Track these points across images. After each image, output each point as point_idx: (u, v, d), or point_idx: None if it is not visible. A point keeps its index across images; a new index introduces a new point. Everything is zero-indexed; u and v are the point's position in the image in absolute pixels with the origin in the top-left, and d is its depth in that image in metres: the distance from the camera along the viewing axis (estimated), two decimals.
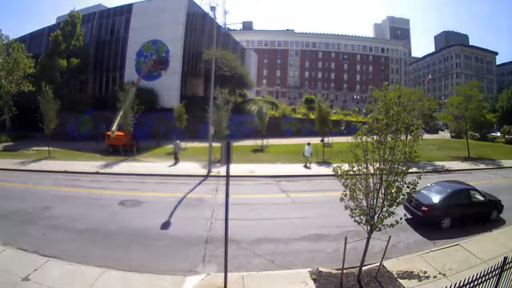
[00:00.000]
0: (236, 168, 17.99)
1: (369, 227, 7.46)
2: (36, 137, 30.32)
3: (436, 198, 12.10)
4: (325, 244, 10.15)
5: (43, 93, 23.44)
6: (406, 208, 12.19)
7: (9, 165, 20.55)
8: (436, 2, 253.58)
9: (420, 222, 11.72)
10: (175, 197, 14.51)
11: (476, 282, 5.55)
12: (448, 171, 22.39)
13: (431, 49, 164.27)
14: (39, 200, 13.54)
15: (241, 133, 33.77)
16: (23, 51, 33.11)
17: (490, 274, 5.82)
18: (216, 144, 19.63)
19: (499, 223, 12.44)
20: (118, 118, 26.67)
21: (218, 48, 37.36)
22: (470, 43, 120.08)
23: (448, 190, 12.46)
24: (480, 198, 12.51)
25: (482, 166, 24.46)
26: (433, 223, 11.63)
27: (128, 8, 39.78)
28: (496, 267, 5.96)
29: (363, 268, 7.95)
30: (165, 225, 11.35)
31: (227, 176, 7.72)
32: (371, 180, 7.24)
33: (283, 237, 10.55)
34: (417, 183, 7.13)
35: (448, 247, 9.64)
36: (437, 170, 22.27)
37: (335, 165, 7.63)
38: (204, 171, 20.00)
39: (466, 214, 11.99)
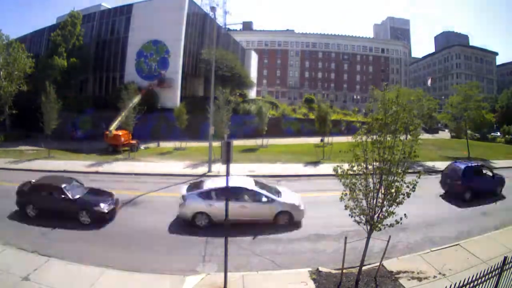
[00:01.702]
0: (236, 168, 17.99)
1: (369, 227, 7.45)
2: (35, 137, 30.24)
3: None
4: (325, 244, 10.15)
5: (47, 93, 23.46)
6: None
7: (8, 165, 20.56)
8: (436, 2, 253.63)
9: None
10: (175, 197, 14.44)
11: (476, 282, 5.54)
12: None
13: (431, 49, 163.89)
14: None
15: (241, 133, 33.70)
16: (23, 51, 33.05)
17: (490, 274, 5.82)
18: (216, 144, 19.66)
19: None
20: (119, 118, 26.67)
21: (218, 48, 37.33)
22: (470, 44, 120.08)
23: None
24: None
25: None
26: None
27: (128, 8, 39.72)
28: (496, 267, 5.96)
29: (363, 268, 7.94)
30: (165, 225, 11.34)
31: (227, 176, 7.73)
32: (370, 179, 7.23)
33: (283, 237, 10.55)
34: (417, 182, 7.12)
35: (448, 247, 9.64)
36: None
37: (335, 164, 7.61)
38: (204, 171, 20.02)
39: None
